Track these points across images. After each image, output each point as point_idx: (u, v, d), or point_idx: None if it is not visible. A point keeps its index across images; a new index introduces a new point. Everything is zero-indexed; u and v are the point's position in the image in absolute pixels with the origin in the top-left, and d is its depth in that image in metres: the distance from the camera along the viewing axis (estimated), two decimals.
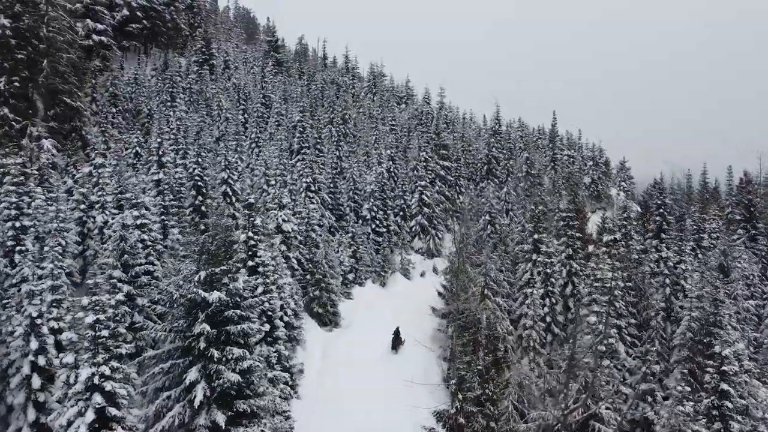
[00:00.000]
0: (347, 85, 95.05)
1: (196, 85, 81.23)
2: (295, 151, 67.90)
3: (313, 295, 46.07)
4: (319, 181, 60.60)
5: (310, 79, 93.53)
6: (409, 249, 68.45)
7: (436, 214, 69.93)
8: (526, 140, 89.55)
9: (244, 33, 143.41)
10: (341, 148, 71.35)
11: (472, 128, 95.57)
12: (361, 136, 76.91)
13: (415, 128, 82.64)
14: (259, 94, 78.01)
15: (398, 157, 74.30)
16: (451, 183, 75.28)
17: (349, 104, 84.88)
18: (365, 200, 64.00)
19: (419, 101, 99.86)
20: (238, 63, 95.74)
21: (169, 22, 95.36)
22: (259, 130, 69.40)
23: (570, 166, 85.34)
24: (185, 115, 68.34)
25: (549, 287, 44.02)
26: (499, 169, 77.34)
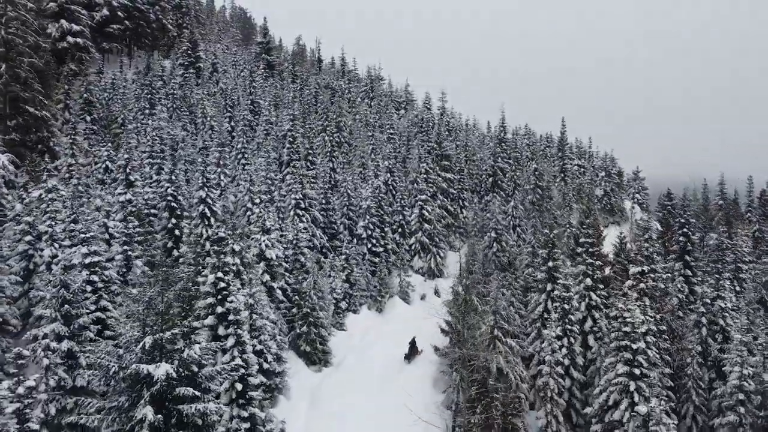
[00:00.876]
0: (342, 90, 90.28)
1: (181, 90, 76.52)
2: (284, 162, 63.12)
3: (300, 331, 41.25)
4: (310, 197, 55.80)
5: (303, 84, 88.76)
6: (408, 269, 63.65)
7: (437, 230, 65.15)
8: (533, 149, 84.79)
9: (240, 34, 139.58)
10: (335, 159, 66.61)
11: (475, 135, 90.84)
12: (357, 145, 72.19)
13: (415, 136, 77.89)
14: (247, 100, 73.19)
15: (397, 169, 69.53)
16: (453, 196, 70.51)
17: (345, 110, 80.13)
18: (360, 217, 59.22)
19: (419, 106, 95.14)
20: (227, 66, 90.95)
21: (154, 23, 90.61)
22: (246, 139, 64.61)
23: (580, 177, 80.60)
24: (165, 124, 63.53)
25: (567, 324, 39.20)
26: (506, 181, 72.57)
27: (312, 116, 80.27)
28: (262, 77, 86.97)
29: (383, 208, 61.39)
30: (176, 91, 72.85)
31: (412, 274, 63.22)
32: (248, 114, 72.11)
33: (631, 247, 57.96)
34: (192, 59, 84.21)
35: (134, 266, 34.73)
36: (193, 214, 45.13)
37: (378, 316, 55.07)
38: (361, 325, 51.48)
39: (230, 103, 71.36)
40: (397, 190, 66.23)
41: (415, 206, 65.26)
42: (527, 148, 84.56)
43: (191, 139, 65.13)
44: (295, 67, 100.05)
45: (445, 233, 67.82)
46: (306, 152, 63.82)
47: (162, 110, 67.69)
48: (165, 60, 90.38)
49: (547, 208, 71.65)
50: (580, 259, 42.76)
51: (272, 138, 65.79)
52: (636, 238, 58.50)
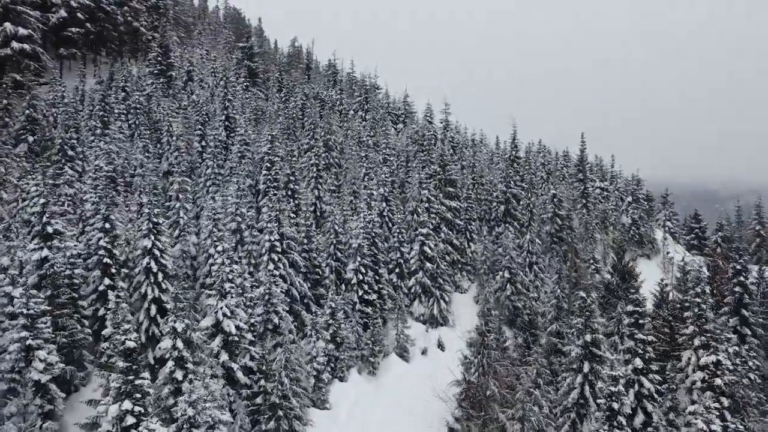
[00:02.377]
0: (333, 101, 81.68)
1: (148, 103, 67.93)
2: (261, 191, 54.50)
3: (267, 427, 32.54)
4: (289, 237, 47.18)
5: (289, 94, 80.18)
6: (407, 316, 55.00)
7: (441, 270, 56.53)
8: (548, 168, 76.16)
9: (232, 35, 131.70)
10: (321, 186, 58.00)
11: (483, 152, 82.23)
12: (348, 167, 63.56)
13: (415, 155, 69.30)
14: (222, 116, 64.59)
15: (393, 196, 60.95)
16: (459, 228, 61.86)
17: (335, 126, 71.50)
18: (350, 258, 50.64)
19: (419, 119, 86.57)
20: (204, 74, 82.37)
21: (122, 25, 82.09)
22: (216, 163, 56.03)
23: (604, 202, 71.98)
24: (123, 146, 54.97)
25: (613, 423, 30.50)
26: (520, 209, 63.92)
27: (298, 131, 71.76)
28: (242, 87, 78.41)
29: (377, 246, 52.84)
30: (140, 105, 64.23)
31: (411, 322, 54.59)
32: (222, 132, 63.50)
33: (674, 296, 49.39)
34: (163, 67, 75.68)
35: (36, 358, 26.03)
36: (136, 269, 36.50)
37: (371, 381, 46.53)
38: (350, 398, 42.97)
39: (201, 119, 62.75)
40: (393, 223, 57.64)
41: (414, 241, 56.73)
42: (542, 167, 75.94)
43: (154, 163, 56.53)
44: (283, 74, 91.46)
45: (450, 272, 59.19)
46: (287, 179, 55.17)
47: (119, 129, 59.07)
48: (134, 68, 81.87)
49: (568, 241, 63.02)
50: (627, 332, 33.99)
51: (248, 161, 57.16)
52: (680, 285, 49.96)
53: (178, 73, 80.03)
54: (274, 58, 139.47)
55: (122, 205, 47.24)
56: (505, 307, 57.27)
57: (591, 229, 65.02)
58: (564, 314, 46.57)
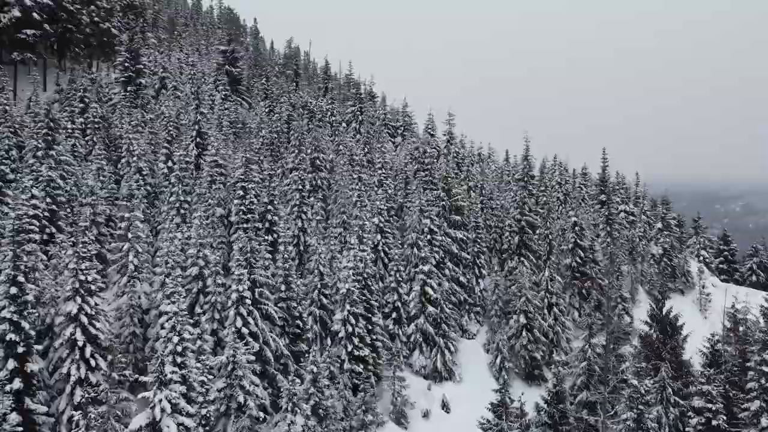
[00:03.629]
0: (324, 112, 74.18)
1: (114, 115, 60.49)
2: (234, 223, 46.97)
3: None
4: (263, 284, 39.70)
5: (274, 102, 72.70)
6: (406, 369, 47.59)
7: (446, 314, 49.09)
8: (565, 188, 68.62)
9: (226, 36, 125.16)
10: (305, 215, 50.47)
11: (491, 169, 74.68)
12: (339, 189, 56.05)
13: (415, 175, 61.84)
14: (193, 130, 57.14)
15: (390, 225, 53.49)
16: (467, 263, 54.38)
17: (325, 142, 64.01)
18: (338, 305, 43.22)
19: (420, 132, 79.03)
20: (180, 81, 74.82)
21: (88, 26, 74.60)
22: (182, 188, 48.48)
23: (629, 228, 64.43)
24: (69, 170, 47.52)
25: None
26: (536, 239, 56.38)
27: (283, 147, 64.28)
28: (222, 96, 70.93)
29: (370, 289, 45.48)
30: (98, 119, 56.73)
31: (410, 377, 47.20)
32: (193, 150, 56.05)
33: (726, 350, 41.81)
34: (131, 73, 68.15)
35: None
36: (57, 342, 28.99)
37: None
38: None
39: (169, 135, 55.26)
40: (390, 258, 50.22)
41: (415, 280, 49.44)
42: (558, 187, 68.44)
43: (108, 189, 49.01)
44: (270, 79, 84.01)
45: (456, 316, 51.72)
46: (264, 208, 47.70)
47: (72, 148, 51.68)
48: (106, 74, 74.52)
49: (591, 277, 55.51)
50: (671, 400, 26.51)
51: (220, 186, 49.65)
52: (729, 336, 42.48)
53: (151, 80, 72.54)
54: (270, 60, 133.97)
55: (64, 242, 39.59)
56: (521, 357, 49.90)
57: (617, 261, 57.49)
58: (596, 380, 39.14)
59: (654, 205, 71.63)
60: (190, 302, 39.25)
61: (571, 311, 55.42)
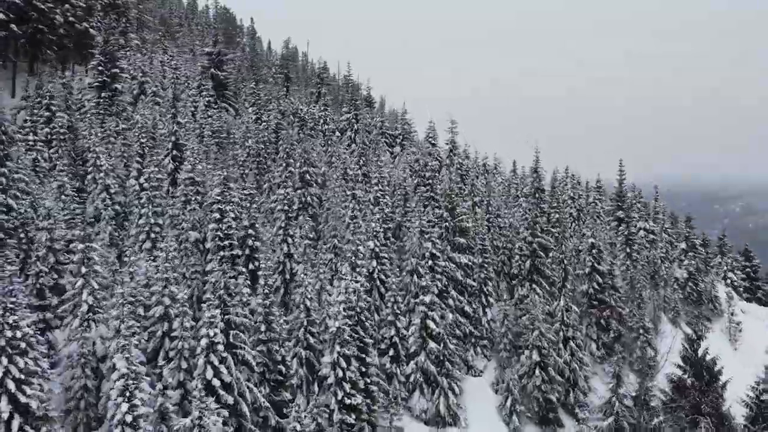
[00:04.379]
0: (316, 120, 69.12)
1: (85, 124, 55.49)
2: (209, 251, 41.92)
3: None
4: (240, 324, 34.65)
5: (261, 109, 67.63)
6: (404, 413, 42.62)
7: (449, 350, 44.03)
8: (578, 203, 63.55)
9: (222, 36, 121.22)
10: (292, 238, 45.38)
11: (498, 181, 69.57)
12: (331, 207, 50.98)
13: (415, 190, 56.79)
14: (169, 142, 52.16)
15: (387, 249, 48.41)
16: (473, 290, 49.33)
17: (316, 153, 59.00)
18: (327, 345, 38.14)
19: (420, 141, 73.95)
20: (161, 86, 69.79)
21: (62, 27, 69.59)
22: (152, 209, 43.47)
23: (649, 249, 59.34)
24: (25, 188, 42.51)
25: None
26: (549, 263, 51.35)
27: (270, 160, 59.28)
28: (206, 102, 65.96)
29: (364, 325, 40.44)
30: (64, 129, 51.72)
31: (409, 422, 42.42)
32: (169, 165, 51.09)
33: None
34: (106, 78, 63.07)
35: None
36: None
37: None
38: None
39: (141, 149, 50.25)
40: (387, 287, 45.17)
41: (415, 312, 44.57)
42: (571, 202, 63.38)
43: (70, 211, 43.95)
44: (259, 84, 78.98)
45: (461, 350, 46.66)
46: (244, 232, 42.67)
47: (33, 162, 46.71)
48: (83, 78, 69.58)
49: (611, 305, 50.47)
50: None
51: (196, 206, 44.56)
52: None
53: (128, 85, 67.50)
54: (267, 61, 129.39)
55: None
56: (534, 399, 44.84)
57: (638, 286, 52.43)
58: None
59: (674, 221, 66.61)
60: (154, 347, 34.28)
61: (587, 343, 50.42)
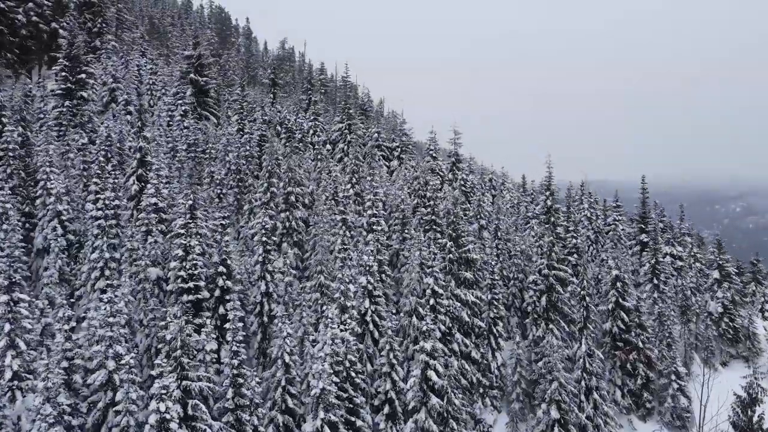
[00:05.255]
0: (305, 131, 63.14)
1: (42, 138, 49.52)
2: (172, 293, 35.92)
3: None
4: (200, 391, 28.70)
5: (243, 119, 61.66)
6: None
7: (454, 406, 38.02)
8: (596, 225, 57.65)
9: (215, 36, 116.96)
10: (271, 275, 39.39)
11: (506, 198, 63.58)
12: (318, 234, 44.94)
13: (415, 212, 50.89)
14: (133, 160, 46.22)
15: (383, 284, 42.48)
16: (480, 331, 43.39)
17: (303, 170, 53.07)
18: (309, 407, 32.28)
19: (422, 150, 67.97)
20: (135, 94, 63.79)
21: (24, 27, 63.63)
22: (109, 241, 37.52)
23: (678, 278, 53.38)
24: None
25: None
26: (567, 299, 45.44)
27: (252, 176, 53.36)
28: (183, 111, 60.04)
29: (354, 381, 34.48)
30: (14, 145, 45.73)
31: None
32: (133, 186, 45.12)
33: None
34: (71, 85, 57.11)
35: None
36: None
37: None
38: None
39: (101, 168, 44.29)
40: (381, 331, 39.19)
41: (414, 360, 38.80)
42: (588, 222, 57.44)
43: (12, 243, 37.89)
44: (245, 89, 72.99)
45: (467, 404, 40.64)
46: (214, 270, 36.71)
47: None
48: (41, 85, 63.50)
49: (638, 346, 44.55)
50: None
51: (157, 237, 38.56)
52: None
53: (98, 92, 61.55)
54: (263, 62, 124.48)
55: None
56: None
57: (668, 324, 46.49)
58: None
59: (700, 242, 60.74)
60: (94, 422, 28.30)
61: (612, 390, 44.50)
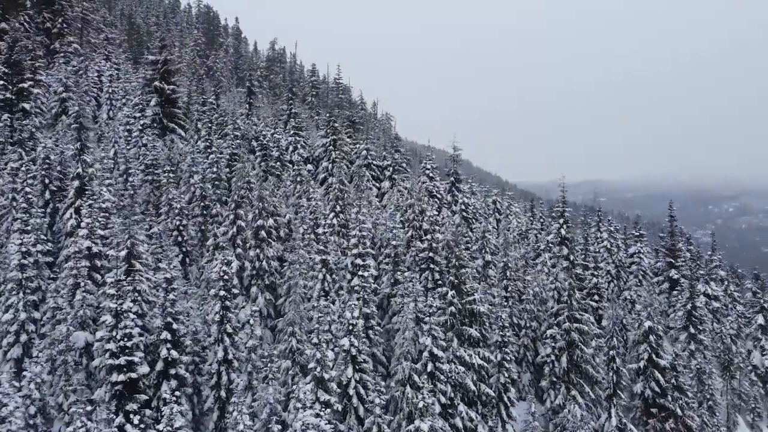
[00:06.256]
0: (282, 149, 55.77)
1: None
2: (100, 368, 28.55)
3: None
4: None
5: (214, 133, 54.33)
6: None
7: None
8: (617, 258, 50.62)
9: (202, 37, 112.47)
10: (231, 338, 32.12)
11: (513, 226, 56.33)
12: (294, 277, 37.66)
13: (409, 247, 43.77)
14: (71, 189, 38.90)
15: (369, 343, 35.25)
16: (488, 399, 36.18)
17: (277, 197, 45.88)
18: None
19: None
20: (99, 102, 56.43)
21: None
22: (26, 299, 30.15)
23: (714, 321, 46.40)
24: None
25: None
26: (590, 356, 38.35)
27: (220, 203, 46.09)
28: (140, 126, 52.68)
29: None
30: None
31: None
32: (70, 220, 37.69)
33: None
34: (10, 96, 49.73)
35: None
36: None
37: None
38: None
39: (27, 202, 36.94)
40: (368, 407, 31.89)
41: None
42: (606, 254, 50.41)
43: None
44: (219, 97, 65.67)
45: None
46: (156, 336, 29.42)
47: None
48: None
49: (675, 413, 37.49)
50: None
51: (87, 290, 31.18)
52: None
53: (46, 104, 54.16)
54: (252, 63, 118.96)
55: None
56: None
57: (708, 381, 39.48)
58: None
59: (734, 275, 53.79)
60: None
61: None
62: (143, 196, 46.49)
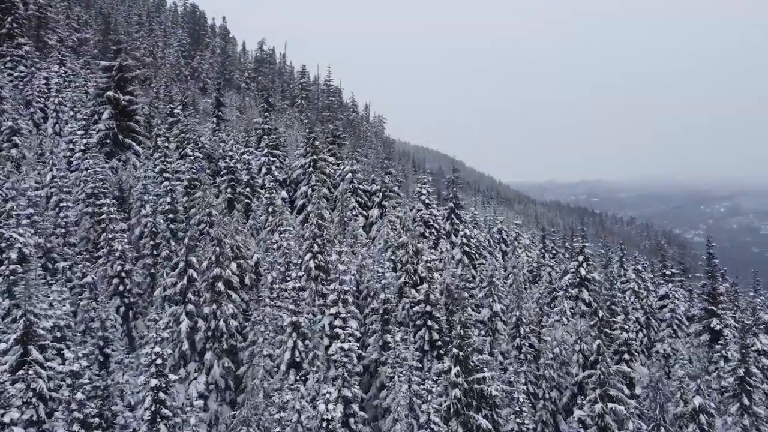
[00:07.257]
0: (252, 172, 48.09)
1: None
2: None
3: None
4: None
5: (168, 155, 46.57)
6: None
7: None
8: (646, 303, 43.38)
9: (187, 36, 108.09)
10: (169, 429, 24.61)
11: (522, 262, 48.90)
12: (258, 341, 30.20)
13: (400, 296, 36.35)
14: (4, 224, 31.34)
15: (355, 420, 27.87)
16: None
17: (248, 229, 38.43)
18: None
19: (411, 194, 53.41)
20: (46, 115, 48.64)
21: None
22: None
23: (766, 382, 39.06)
24: None
25: None
26: None
27: (174, 240, 38.49)
28: (83, 144, 45.08)
29: None
30: None
31: None
32: None
33: None
34: None
35: None
36: None
37: None
38: None
39: None
40: None
41: None
42: (636, 300, 43.10)
43: None
44: (186, 107, 58.08)
45: None
46: None
47: None
48: None
49: None
50: None
51: None
52: None
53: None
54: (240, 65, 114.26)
55: None
56: None
57: None
58: None
59: None
60: None
61: None
62: (82, 233, 39.00)
